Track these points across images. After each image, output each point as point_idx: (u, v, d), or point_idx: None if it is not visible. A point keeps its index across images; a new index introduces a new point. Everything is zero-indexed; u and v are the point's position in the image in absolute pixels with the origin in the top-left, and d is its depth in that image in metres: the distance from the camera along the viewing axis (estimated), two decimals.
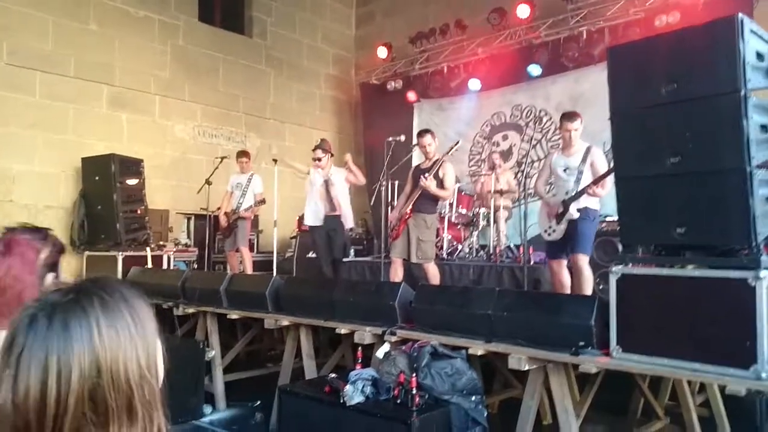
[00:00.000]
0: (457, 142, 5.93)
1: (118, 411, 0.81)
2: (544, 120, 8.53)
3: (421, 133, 5.95)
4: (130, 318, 0.86)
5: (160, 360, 0.90)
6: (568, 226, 4.95)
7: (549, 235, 5.10)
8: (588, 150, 5.02)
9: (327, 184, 6.53)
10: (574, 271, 4.96)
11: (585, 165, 4.98)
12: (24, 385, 0.78)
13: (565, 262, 5.07)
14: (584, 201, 4.92)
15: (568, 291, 4.99)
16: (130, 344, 0.84)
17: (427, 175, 5.58)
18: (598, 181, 4.78)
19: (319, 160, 6.59)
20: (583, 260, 4.89)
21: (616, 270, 3.19)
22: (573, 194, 4.91)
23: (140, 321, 0.87)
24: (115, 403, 0.81)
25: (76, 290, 0.85)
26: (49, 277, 1.62)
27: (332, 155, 6.76)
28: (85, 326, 0.81)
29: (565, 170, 5.06)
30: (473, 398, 3.56)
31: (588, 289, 4.87)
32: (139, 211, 7.53)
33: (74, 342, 0.80)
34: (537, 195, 5.38)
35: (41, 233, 1.66)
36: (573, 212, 4.88)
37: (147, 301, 0.92)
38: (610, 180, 4.66)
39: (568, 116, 5.11)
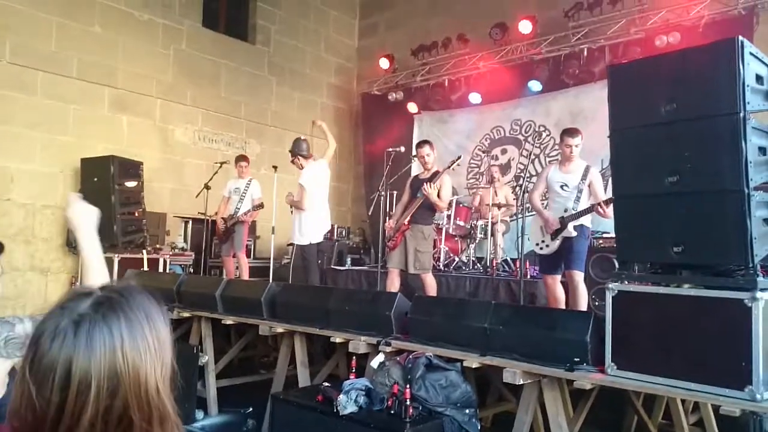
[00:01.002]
0: (459, 157, 5.95)
1: (132, 429, 0.82)
2: (544, 135, 8.57)
3: (420, 144, 5.99)
4: (152, 339, 0.87)
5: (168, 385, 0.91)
6: (562, 242, 4.97)
7: (541, 249, 5.13)
8: (587, 169, 5.05)
9: (300, 186, 6.55)
10: (570, 288, 4.97)
11: (584, 184, 5.00)
12: (45, 392, 0.79)
13: (559, 278, 5.10)
14: (581, 219, 4.95)
15: (563, 306, 5.00)
16: (150, 365, 0.85)
17: (430, 183, 5.59)
18: (610, 202, 4.74)
19: (292, 163, 6.67)
20: (579, 277, 4.91)
21: (613, 287, 3.20)
22: (574, 213, 4.92)
23: (160, 341, 0.88)
24: (133, 420, 0.82)
25: (103, 302, 0.86)
26: None
27: (305, 157, 6.63)
28: (110, 344, 0.82)
29: (562, 186, 5.08)
30: (467, 411, 3.56)
31: (583, 305, 4.88)
32: (136, 214, 7.52)
33: (97, 357, 0.81)
34: (533, 207, 5.41)
35: None
36: (570, 230, 4.91)
37: (166, 313, 0.93)
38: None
39: (570, 132, 5.11)
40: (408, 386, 3.49)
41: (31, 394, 0.79)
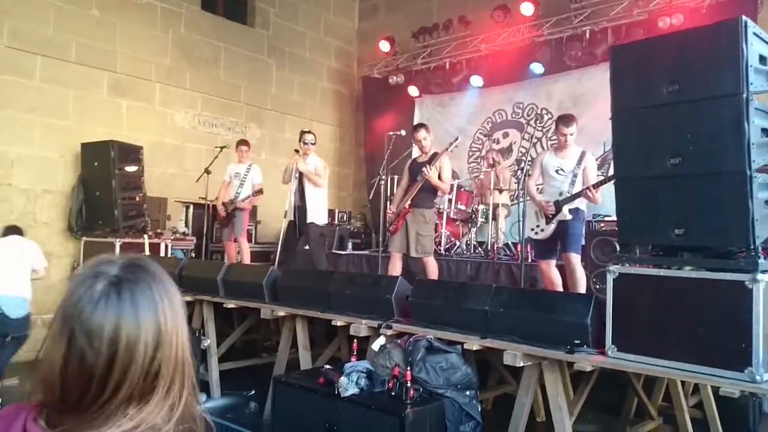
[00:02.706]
0: (457, 139, 5.93)
1: (163, 384, 0.89)
2: (545, 118, 8.52)
3: (416, 128, 5.97)
4: (178, 299, 0.95)
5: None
6: (557, 226, 4.98)
7: (536, 234, 5.14)
8: (583, 154, 5.07)
9: (301, 175, 6.55)
10: (567, 271, 4.98)
11: (580, 168, 5.01)
12: (94, 352, 0.84)
13: (554, 262, 5.11)
14: (575, 202, 4.97)
15: (559, 290, 5.01)
16: (181, 323, 0.93)
17: (429, 166, 5.58)
18: (598, 185, 4.79)
19: (314, 144, 6.64)
20: (576, 259, 4.92)
21: (614, 269, 3.21)
22: (569, 196, 4.94)
23: (183, 305, 0.96)
24: (166, 376, 0.89)
25: (133, 265, 0.93)
26: None
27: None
28: (151, 302, 0.90)
29: (557, 171, 5.09)
30: (467, 393, 3.58)
31: (581, 288, 4.89)
32: (137, 198, 7.51)
33: (143, 315, 0.89)
34: (528, 194, 5.40)
35: None
36: (566, 213, 4.92)
37: None
38: (600, 189, 4.75)
39: (565, 120, 5.09)
40: (409, 368, 3.51)
41: (83, 355, 0.84)
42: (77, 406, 0.85)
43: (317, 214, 6.55)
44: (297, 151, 6.67)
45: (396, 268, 5.75)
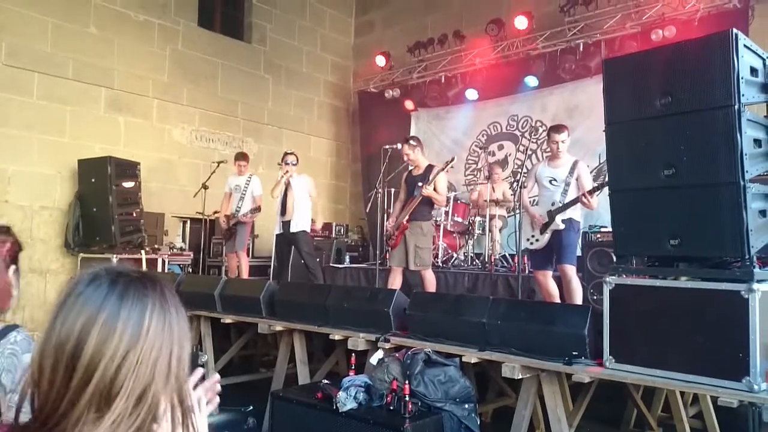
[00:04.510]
0: (453, 159, 5.92)
1: (124, 400, 0.81)
2: (540, 131, 8.56)
3: (402, 143, 5.99)
4: (177, 322, 0.89)
5: (186, 376, 0.91)
6: (552, 236, 5.01)
7: (531, 244, 5.17)
8: (575, 163, 5.12)
9: (287, 188, 6.67)
10: (563, 282, 5.00)
11: (572, 178, 5.06)
12: (68, 328, 0.82)
13: (550, 273, 5.13)
14: (569, 212, 5.00)
15: (557, 301, 5.02)
16: (168, 342, 0.87)
17: (420, 184, 5.63)
18: (593, 191, 4.85)
19: (296, 165, 6.75)
20: (571, 270, 4.93)
21: (610, 280, 3.21)
22: (560, 205, 4.98)
23: (184, 331, 0.91)
24: (129, 390, 0.81)
25: (144, 274, 0.91)
26: (11, 269, 1.66)
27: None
28: (141, 304, 0.86)
29: (550, 181, 5.15)
30: (466, 406, 3.57)
31: (578, 299, 4.90)
32: (134, 214, 7.51)
33: (125, 311, 0.84)
34: (522, 206, 5.44)
35: (3, 227, 1.69)
36: (558, 222, 4.95)
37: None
38: (595, 194, 4.80)
39: (556, 128, 5.25)
40: (407, 382, 3.50)
41: (59, 340, 0.82)
42: (45, 407, 0.80)
43: (302, 223, 6.64)
44: (280, 164, 6.88)
45: (396, 282, 5.75)
